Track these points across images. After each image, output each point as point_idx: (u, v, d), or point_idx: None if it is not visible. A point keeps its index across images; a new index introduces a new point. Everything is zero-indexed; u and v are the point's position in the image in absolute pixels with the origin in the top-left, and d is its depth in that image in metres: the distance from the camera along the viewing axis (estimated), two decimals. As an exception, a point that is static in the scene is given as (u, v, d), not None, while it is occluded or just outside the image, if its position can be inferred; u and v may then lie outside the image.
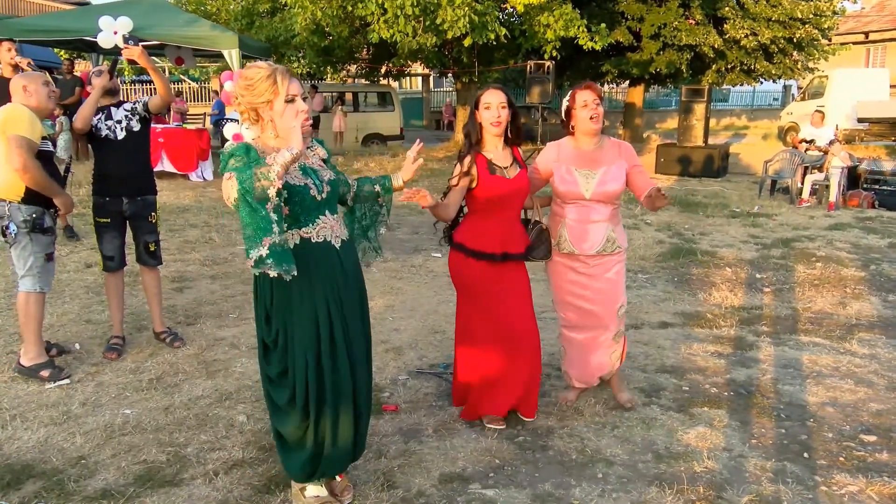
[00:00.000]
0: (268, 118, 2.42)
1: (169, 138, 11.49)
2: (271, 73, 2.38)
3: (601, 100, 3.36)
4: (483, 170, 3.19)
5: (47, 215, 3.86)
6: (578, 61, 17.53)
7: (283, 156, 2.22)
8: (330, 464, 2.63)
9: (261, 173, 2.19)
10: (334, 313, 2.50)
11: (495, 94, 3.17)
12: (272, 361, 2.55)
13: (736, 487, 2.87)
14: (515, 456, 3.12)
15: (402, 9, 12.16)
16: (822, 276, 6.19)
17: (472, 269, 3.26)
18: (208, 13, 17.12)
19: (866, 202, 9.88)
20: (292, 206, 2.40)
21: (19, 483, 2.87)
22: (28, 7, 21.88)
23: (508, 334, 3.28)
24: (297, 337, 2.48)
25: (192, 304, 5.21)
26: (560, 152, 3.46)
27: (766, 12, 15.83)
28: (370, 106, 19.42)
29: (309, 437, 2.56)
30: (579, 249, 3.39)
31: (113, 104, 4.19)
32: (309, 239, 2.46)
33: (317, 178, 2.50)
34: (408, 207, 9.39)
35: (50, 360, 3.95)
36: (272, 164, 2.21)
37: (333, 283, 2.51)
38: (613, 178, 3.34)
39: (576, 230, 3.39)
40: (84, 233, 7.08)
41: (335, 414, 2.55)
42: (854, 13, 24.93)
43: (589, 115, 3.32)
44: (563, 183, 3.38)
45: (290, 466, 2.65)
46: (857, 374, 4.06)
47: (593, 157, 3.37)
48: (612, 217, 3.40)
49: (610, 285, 3.45)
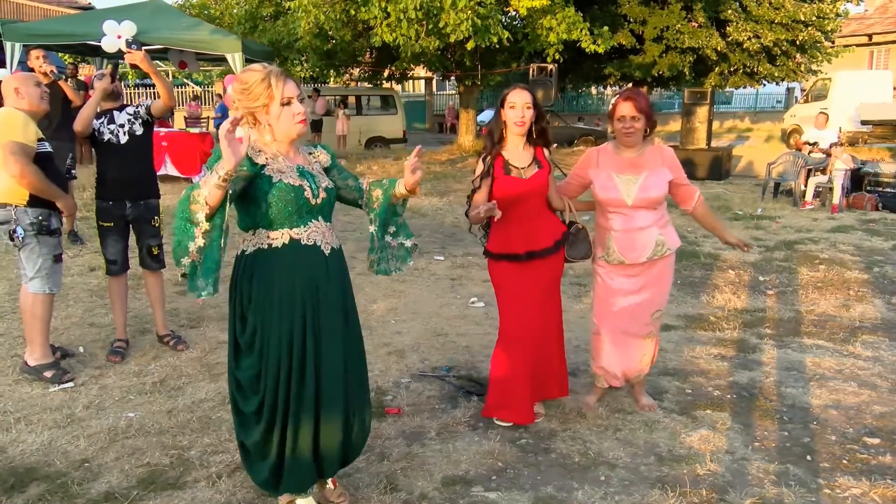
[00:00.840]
0: (265, 122, 2.39)
1: (172, 142, 11.54)
2: (265, 76, 2.34)
3: (647, 110, 3.23)
4: (499, 169, 3.22)
5: (53, 217, 3.87)
6: (581, 64, 17.58)
7: (211, 178, 2.13)
8: (294, 477, 2.51)
9: (194, 196, 2.18)
10: (309, 318, 2.43)
11: (521, 94, 3.18)
12: (243, 365, 2.46)
13: (739, 490, 2.87)
14: (518, 459, 3.12)
15: (405, 12, 12.19)
16: (825, 279, 6.18)
17: (500, 271, 3.34)
18: (212, 17, 17.20)
19: (870, 204, 9.86)
20: (284, 205, 2.36)
21: (23, 486, 2.88)
22: (33, 11, 21.96)
23: (538, 334, 3.32)
24: (273, 339, 2.40)
25: (195, 308, 5.22)
26: (601, 158, 3.39)
27: (769, 15, 15.84)
28: (373, 109, 19.45)
29: (272, 447, 2.46)
30: (629, 259, 3.33)
31: (115, 108, 4.20)
32: (299, 240, 2.41)
33: (313, 182, 2.46)
34: (410, 210, 9.41)
35: (55, 362, 3.97)
36: (203, 188, 2.17)
37: (315, 287, 2.44)
38: (655, 184, 3.27)
39: (623, 240, 3.33)
40: (88, 236, 7.10)
41: (296, 424, 2.44)
42: (857, 15, 24.90)
43: (622, 129, 3.25)
44: (604, 190, 3.32)
45: (256, 478, 2.56)
46: (860, 376, 4.05)
47: (636, 163, 3.30)
48: (658, 220, 3.33)
49: (656, 288, 3.40)
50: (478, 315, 5.13)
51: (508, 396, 3.36)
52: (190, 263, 2.30)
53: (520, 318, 3.31)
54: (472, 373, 4.07)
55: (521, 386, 3.33)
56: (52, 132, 6.04)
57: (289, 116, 2.38)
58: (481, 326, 4.84)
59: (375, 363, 4.15)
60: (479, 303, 5.41)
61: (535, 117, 3.22)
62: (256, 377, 2.45)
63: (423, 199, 10.21)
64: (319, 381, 2.45)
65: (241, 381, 2.48)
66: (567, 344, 4.46)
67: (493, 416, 3.43)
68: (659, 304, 3.46)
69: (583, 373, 4.08)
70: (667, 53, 16.59)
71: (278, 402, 2.43)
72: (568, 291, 5.69)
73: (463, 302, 5.48)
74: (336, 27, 13.55)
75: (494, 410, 3.42)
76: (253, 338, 2.43)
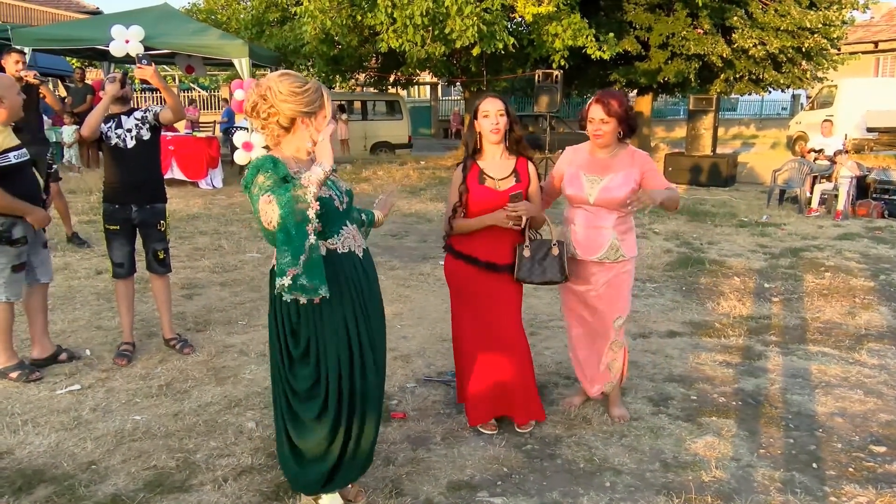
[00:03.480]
0: (309, 129, 2.37)
1: (179, 146, 11.59)
2: (318, 86, 2.38)
3: (620, 113, 3.23)
4: (473, 179, 3.22)
5: (18, 226, 3.81)
6: (586, 70, 17.59)
7: (317, 174, 2.18)
8: (349, 472, 2.62)
9: (298, 196, 2.16)
10: (360, 321, 2.50)
11: (493, 103, 3.20)
12: (301, 375, 2.48)
13: (744, 497, 2.86)
14: (523, 464, 3.13)
15: (411, 18, 12.24)
16: (830, 286, 6.17)
17: (459, 271, 3.31)
18: (219, 22, 17.29)
19: (876, 212, 9.84)
20: (320, 216, 2.33)
21: (31, 488, 2.89)
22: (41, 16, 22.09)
23: (494, 342, 3.29)
24: (329, 347, 2.45)
25: (201, 311, 5.24)
26: (575, 157, 3.48)
27: (775, 22, 15.82)
28: (378, 114, 19.50)
29: (334, 449, 2.53)
30: (582, 254, 3.39)
31: (123, 112, 4.23)
32: (335, 250, 2.44)
33: (337, 189, 2.48)
34: (415, 216, 9.43)
35: (20, 362, 3.99)
36: (308, 185, 2.17)
37: (359, 291, 2.51)
38: (619, 184, 3.31)
39: (580, 235, 3.40)
40: (95, 240, 7.13)
41: (362, 422, 2.54)
42: (863, 23, 24.87)
43: (592, 131, 3.33)
44: (570, 185, 3.41)
45: (305, 480, 2.58)
46: (866, 384, 4.04)
47: (605, 164, 3.37)
48: (618, 225, 3.38)
49: (610, 293, 3.43)
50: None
51: (471, 399, 3.37)
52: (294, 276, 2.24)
53: (470, 324, 3.31)
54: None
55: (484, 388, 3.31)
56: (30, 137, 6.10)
57: (328, 131, 2.35)
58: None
59: (381, 368, 4.16)
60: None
61: (509, 125, 3.22)
62: (314, 384, 2.48)
63: (428, 205, 10.23)
64: (364, 384, 2.53)
65: (299, 391, 2.50)
66: (562, 354, 4.47)
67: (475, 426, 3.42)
68: (619, 310, 3.47)
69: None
70: (672, 60, 16.60)
71: (343, 402, 2.49)
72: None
73: (468, 307, 5.48)
74: (342, 32, 13.62)
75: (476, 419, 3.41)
76: (307, 349, 2.46)
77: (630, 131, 3.34)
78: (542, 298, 5.64)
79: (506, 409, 3.39)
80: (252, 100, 2.36)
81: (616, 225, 3.37)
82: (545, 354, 4.41)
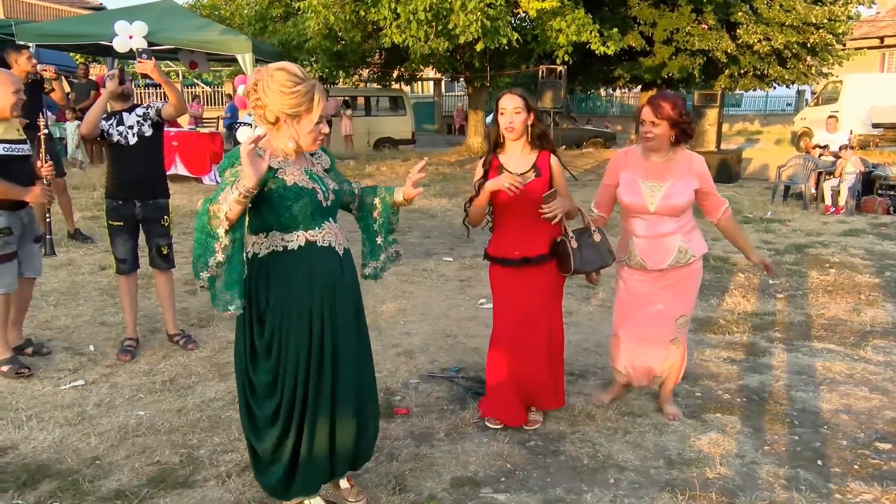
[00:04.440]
0: (291, 128, 2.34)
1: (182, 142, 11.60)
2: (310, 89, 2.29)
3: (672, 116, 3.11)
4: (493, 173, 3.20)
5: (2, 217, 3.79)
6: (591, 66, 17.54)
7: (231, 193, 2.17)
8: (314, 476, 2.53)
9: (213, 210, 2.19)
10: (327, 318, 2.43)
11: (510, 100, 3.16)
12: (261, 369, 2.42)
13: (749, 494, 2.86)
14: (527, 461, 3.12)
15: (414, 14, 12.20)
16: (835, 283, 6.15)
17: (496, 275, 3.35)
18: (222, 18, 17.26)
19: (881, 208, 9.80)
20: (301, 208, 2.35)
21: (35, 483, 2.90)
22: (45, 12, 22.11)
23: (530, 336, 3.29)
24: (292, 340, 2.39)
25: (204, 307, 5.24)
26: (628, 161, 3.35)
27: (780, 17, 15.76)
28: (382, 110, 19.49)
29: (286, 451, 2.46)
30: (650, 265, 3.29)
31: (125, 109, 4.22)
32: (315, 242, 2.42)
33: (323, 185, 2.46)
34: (419, 212, 9.42)
35: (13, 357, 3.99)
36: (222, 203, 2.19)
37: (331, 288, 2.45)
38: (679, 192, 3.20)
39: (645, 245, 3.29)
40: (98, 235, 7.14)
41: (313, 425, 2.45)
42: (869, 18, 24.76)
43: (642, 133, 3.20)
44: (628, 193, 3.29)
45: (267, 482, 2.54)
46: (871, 381, 4.03)
47: (662, 169, 3.23)
48: (682, 227, 3.28)
49: (676, 292, 3.34)
50: (486, 316, 5.09)
51: (498, 398, 3.38)
52: (209, 277, 2.31)
53: (509, 322, 3.31)
54: (480, 374, 4.06)
55: (508, 388, 3.33)
56: None
57: (316, 133, 2.36)
58: (490, 328, 4.81)
59: (384, 364, 4.16)
60: (487, 304, 5.40)
61: (534, 120, 3.20)
62: (273, 381, 2.43)
63: (431, 201, 10.22)
64: (336, 380, 2.47)
65: (257, 386, 2.45)
66: (576, 346, 4.48)
67: (485, 417, 3.44)
68: (683, 309, 3.39)
69: (593, 374, 4.08)
70: (676, 56, 16.53)
71: (296, 403, 2.42)
72: (576, 293, 5.69)
73: (472, 303, 5.48)
74: (346, 28, 13.58)
75: (487, 411, 3.45)
76: (271, 341, 2.41)
77: (684, 136, 3.21)
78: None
79: (532, 400, 3.41)
80: (248, 87, 2.35)
81: (680, 228, 3.27)
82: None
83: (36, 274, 4.22)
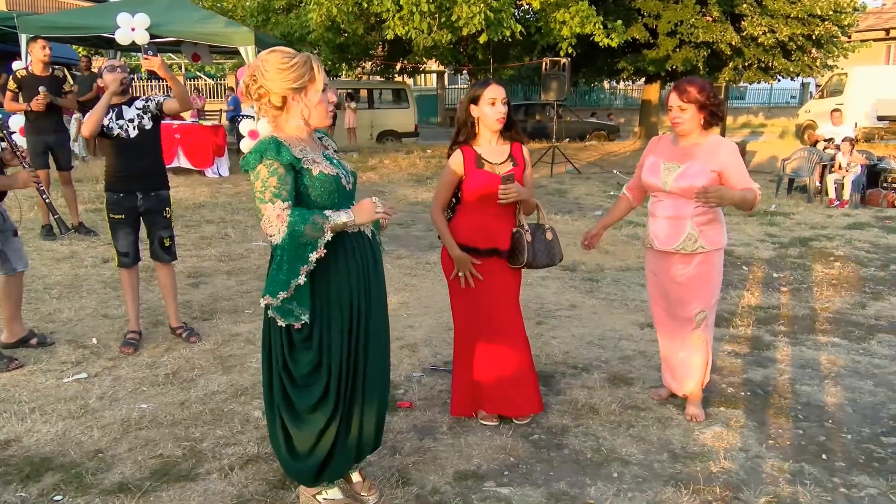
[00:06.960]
0: (301, 105, 2.32)
1: (185, 134, 11.58)
2: (307, 59, 2.29)
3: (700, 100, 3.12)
4: (470, 163, 3.17)
5: None
6: (594, 58, 17.44)
7: (341, 217, 2.26)
8: (345, 461, 2.56)
9: (313, 225, 2.21)
10: (363, 302, 2.45)
11: (498, 90, 3.14)
12: (302, 360, 2.41)
13: (753, 488, 2.84)
14: (530, 454, 3.11)
15: (417, 5, 12.15)
16: (840, 276, 6.12)
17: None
18: (224, 10, 17.24)
19: (886, 201, 9.76)
20: (329, 196, 2.34)
21: (38, 475, 2.90)
22: (47, 4, 22.08)
23: (493, 333, 3.26)
24: (335, 328, 2.40)
25: (207, 300, 5.24)
26: (658, 145, 3.40)
27: (785, 9, 15.64)
28: (385, 103, 19.43)
29: (328, 438, 2.47)
30: (657, 245, 3.32)
31: (124, 102, 4.20)
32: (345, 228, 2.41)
33: (343, 168, 2.46)
34: (422, 205, 9.40)
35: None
36: (326, 222, 2.23)
37: (366, 271, 2.46)
38: (695, 173, 3.16)
39: (656, 225, 3.32)
40: (101, 228, 7.14)
41: (362, 406, 2.51)
42: (875, 10, 24.62)
43: (671, 118, 3.24)
44: (648, 173, 3.33)
45: (298, 471, 2.54)
46: (876, 375, 4.01)
47: (686, 152, 3.23)
48: (697, 215, 3.22)
49: (692, 284, 3.30)
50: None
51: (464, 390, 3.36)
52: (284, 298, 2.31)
53: (468, 314, 3.28)
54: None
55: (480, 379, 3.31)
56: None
57: (325, 103, 2.36)
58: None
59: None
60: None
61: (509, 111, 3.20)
62: (315, 370, 2.43)
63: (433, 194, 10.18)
64: (366, 364, 2.50)
65: (297, 377, 2.43)
66: (579, 340, 4.47)
67: (460, 416, 3.41)
68: (701, 303, 3.33)
69: (596, 368, 4.06)
70: (681, 48, 16.43)
71: (342, 389, 2.45)
72: (580, 287, 5.67)
73: (475, 296, 5.46)
74: (348, 20, 13.53)
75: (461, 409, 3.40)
76: (311, 331, 2.40)
77: (714, 118, 3.19)
78: (548, 287, 5.62)
79: (497, 407, 3.35)
80: (245, 81, 2.32)
81: (695, 215, 3.22)
82: (552, 344, 4.39)
83: (25, 266, 4.23)
